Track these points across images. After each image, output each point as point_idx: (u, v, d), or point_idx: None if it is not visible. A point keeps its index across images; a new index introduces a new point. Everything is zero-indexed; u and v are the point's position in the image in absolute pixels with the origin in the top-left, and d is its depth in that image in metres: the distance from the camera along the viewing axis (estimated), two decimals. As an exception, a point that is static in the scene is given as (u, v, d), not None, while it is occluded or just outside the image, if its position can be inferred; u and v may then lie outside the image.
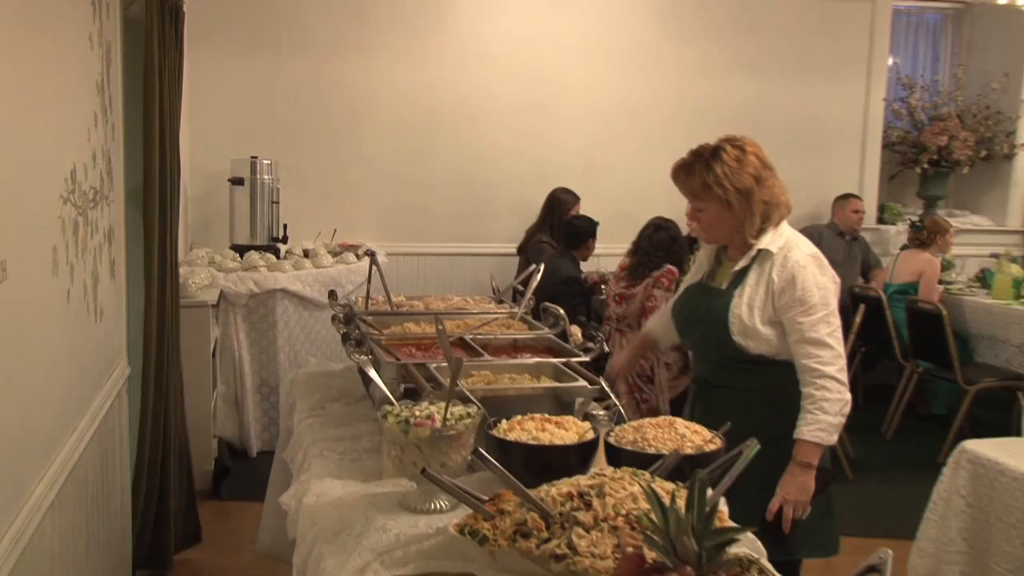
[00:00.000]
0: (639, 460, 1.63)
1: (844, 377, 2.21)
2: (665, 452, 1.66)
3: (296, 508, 1.80)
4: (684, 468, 1.57)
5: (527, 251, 5.33)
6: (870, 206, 6.29)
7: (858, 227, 5.96)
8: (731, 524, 1.37)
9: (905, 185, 6.78)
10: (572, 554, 1.28)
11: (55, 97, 2.03)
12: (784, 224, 2.33)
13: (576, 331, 2.47)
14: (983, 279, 5.80)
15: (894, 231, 6.54)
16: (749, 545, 1.58)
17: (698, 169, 2.28)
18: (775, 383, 2.28)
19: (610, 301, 4.29)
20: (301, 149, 5.60)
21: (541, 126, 5.93)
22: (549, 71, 5.89)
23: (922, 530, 2.60)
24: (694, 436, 1.76)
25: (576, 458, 1.67)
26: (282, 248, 5.11)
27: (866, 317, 4.84)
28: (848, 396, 2.20)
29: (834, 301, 2.26)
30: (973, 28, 6.92)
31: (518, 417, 1.78)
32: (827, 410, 2.16)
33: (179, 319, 3.63)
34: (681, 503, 1.13)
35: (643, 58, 6.03)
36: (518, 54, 5.85)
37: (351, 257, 5.11)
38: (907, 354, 5.28)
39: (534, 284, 2.65)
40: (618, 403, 2.02)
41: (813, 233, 5.76)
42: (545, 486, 1.45)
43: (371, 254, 3.03)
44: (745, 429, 1.69)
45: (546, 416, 1.79)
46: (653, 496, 1.15)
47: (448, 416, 1.65)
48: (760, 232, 2.28)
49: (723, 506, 1.50)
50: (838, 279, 2.32)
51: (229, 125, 5.46)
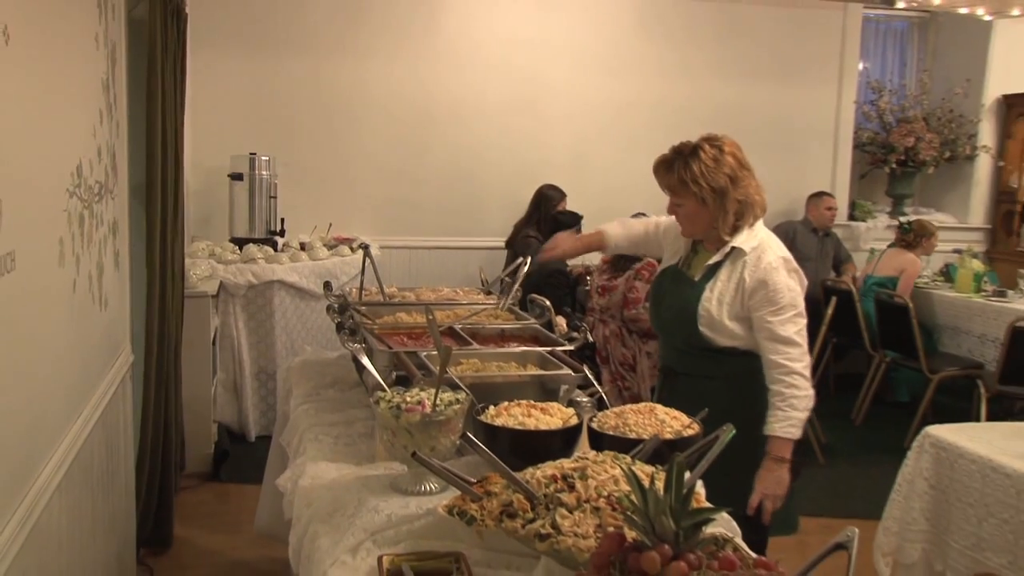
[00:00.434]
0: (620, 444, 1.64)
1: (809, 374, 2.23)
2: (645, 437, 1.67)
3: (292, 490, 1.80)
4: (663, 452, 1.58)
5: (515, 245, 5.31)
6: (842, 204, 6.30)
7: (831, 223, 5.97)
8: (707, 505, 1.38)
9: (875, 184, 6.81)
10: (556, 533, 1.29)
11: (62, 95, 2.01)
12: (759, 224, 2.33)
13: (561, 321, 2.47)
14: (947, 273, 5.83)
15: (864, 227, 6.56)
16: (725, 525, 1.60)
17: (677, 166, 2.27)
18: (738, 372, 2.29)
19: (593, 293, 4.29)
20: (298, 146, 5.56)
21: (529, 125, 5.91)
22: (537, 72, 5.87)
23: (888, 510, 2.62)
24: (673, 422, 1.77)
25: (560, 442, 1.68)
26: (279, 241, 5.08)
27: (837, 309, 4.87)
28: (812, 392, 2.22)
29: (801, 302, 2.27)
30: (937, 36, 6.96)
31: (505, 403, 1.78)
32: (796, 407, 2.18)
33: (183, 309, 3.62)
34: (660, 485, 1.14)
35: (627, 61, 6.02)
36: (508, 56, 5.82)
37: (346, 250, 5.08)
38: (875, 344, 5.31)
39: (521, 276, 2.65)
40: (601, 390, 2.03)
41: (788, 229, 5.80)
42: (530, 469, 1.45)
43: (365, 247, 3.01)
44: (711, 415, 1.70)
45: (532, 402, 1.79)
46: (633, 478, 1.16)
47: (438, 402, 1.65)
48: (734, 230, 2.28)
49: (700, 488, 1.51)
50: (805, 281, 2.32)
51: (229, 122, 5.41)
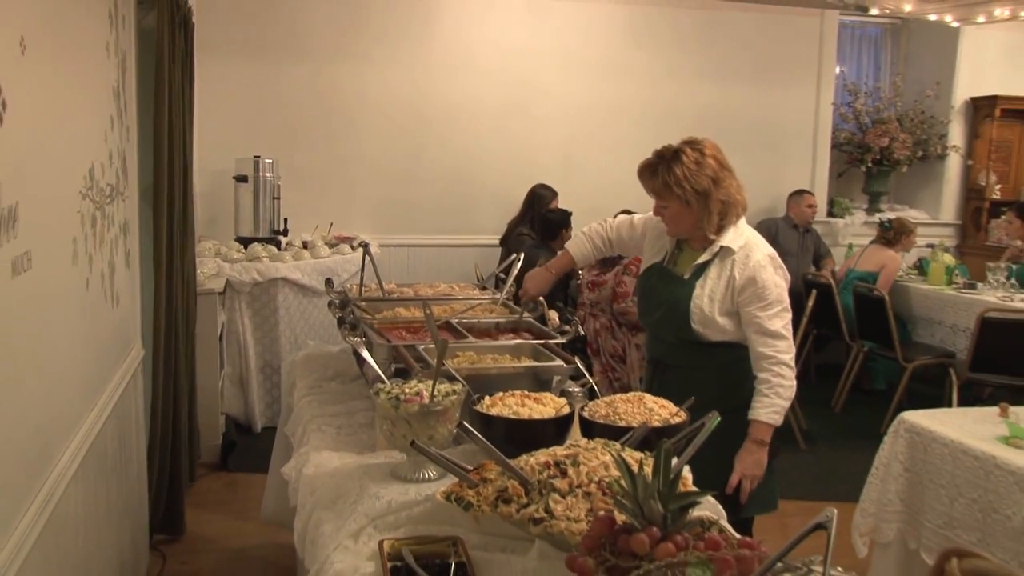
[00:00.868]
0: (611, 432, 1.64)
1: (794, 365, 2.24)
2: (634, 425, 1.67)
3: (297, 478, 1.80)
4: (651, 439, 1.58)
5: (509, 242, 5.31)
6: (821, 201, 6.31)
7: (811, 220, 5.99)
8: (694, 489, 1.38)
9: (852, 182, 6.82)
10: (549, 518, 1.29)
11: (75, 102, 2.01)
12: (743, 223, 2.33)
13: (553, 315, 2.47)
14: (920, 267, 5.85)
15: (842, 224, 6.58)
16: (710, 508, 1.60)
17: (660, 170, 2.26)
18: (725, 363, 2.30)
19: (584, 288, 4.29)
20: (301, 149, 5.54)
21: (522, 127, 5.90)
22: (529, 77, 5.86)
23: (865, 492, 2.62)
24: (661, 410, 1.77)
25: (553, 431, 1.68)
26: (283, 240, 5.07)
27: (817, 302, 4.88)
28: (795, 382, 2.23)
29: (786, 297, 2.29)
30: (909, 41, 6.98)
31: (500, 394, 1.78)
32: (781, 395, 2.20)
33: (194, 306, 3.59)
34: (648, 470, 1.14)
35: (615, 65, 6.01)
36: (501, 61, 5.81)
37: (346, 248, 5.08)
38: (854, 335, 5.32)
39: (515, 272, 2.65)
40: (592, 381, 2.03)
41: (770, 225, 5.81)
42: (524, 456, 1.46)
43: (365, 245, 3.00)
44: (698, 404, 1.70)
45: (526, 392, 1.79)
46: (623, 464, 1.16)
47: (435, 393, 1.65)
48: (720, 229, 2.28)
49: (687, 473, 1.51)
50: (789, 277, 2.33)
51: (234, 127, 5.39)
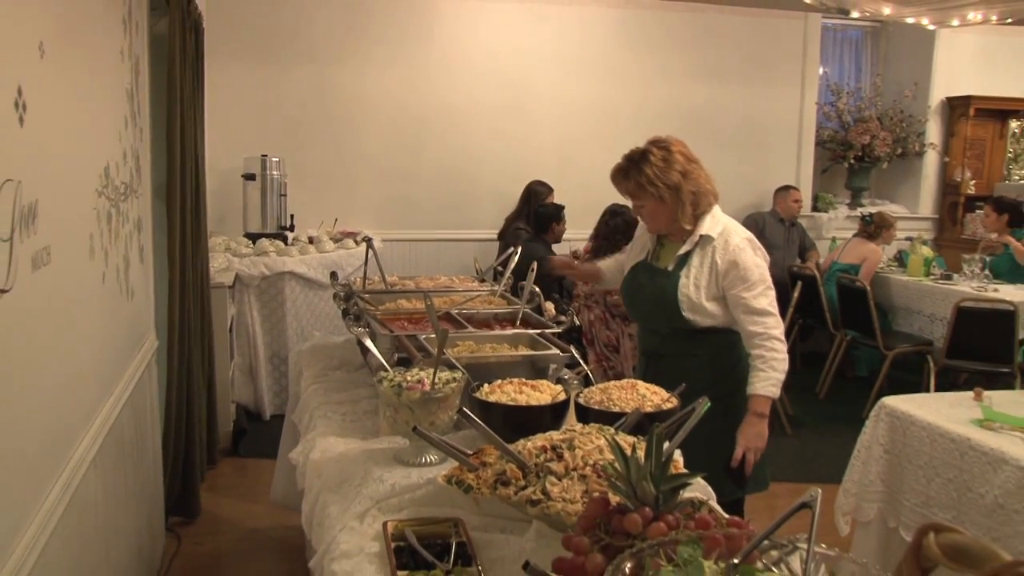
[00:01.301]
0: (605, 417, 1.64)
1: (784, 339, 2.24)
2: (628, 411, 1.66)
3: (304, 462, 1.80)
4: (644, 424, 1.58)
5: (506, 236, 5.30)
6: (805, 196, 6.30)
7: (797, 214, 5.98)
8: (684, 471, 1.38)
9: (835, 177, 6.81)
10: (546, 499, 1.29)
11: (91, 103, 2.01)
12: (718, 211, 2.33)
13: (549, 306, 2.47)
14: (900, 259, 5.85)
15: (826, 218, 6.58)
16: (700, 489, 1.60)
17: (631, 172, 2.27)
18: (717, 349, 2.30)
19: (577, 282, 4.28)
20: (306, 148, 5.52)
21: (518, 126, 5.88)
22: (526, 77, 5.84)
23: (847, 474, 2.63)
24: (653, 396, 1.76)
25: (549, 417, 1.68)
26: (289, 235, 5.06)
27: (803, 293, 4.87)
28: (787, 355, 2.23)
29: (768, 276, 2.28)
30: (888, 43, 6.98)
31: (498, 381, 1.78)
32: (776, 368, 2.19)
33: (208, 299, 3.58)
34: (641, 454, 1.14)
35: (609, 66, 5.99)
36: (497, 63, 5.79)
37: (350, 243, 5.07)
38: (837, 325, 5.32)
39: (512, 265, 2.64)
40: (587, 368, 2.03)
41: (758, 219, 5.80)
42: (522, 441, 1.45)
43: (368, 240, 3.01)
44: (692, 390, 1.70)
45: (523, 380, 1.79)
46: (617, 448, 1.15)
47: (436, 381, 1.65)
48: (695, 219, 2.28)
49: (678, 456, 1.51)
50: (768, 257, 2.33)
51: (242, 127, 5.37)
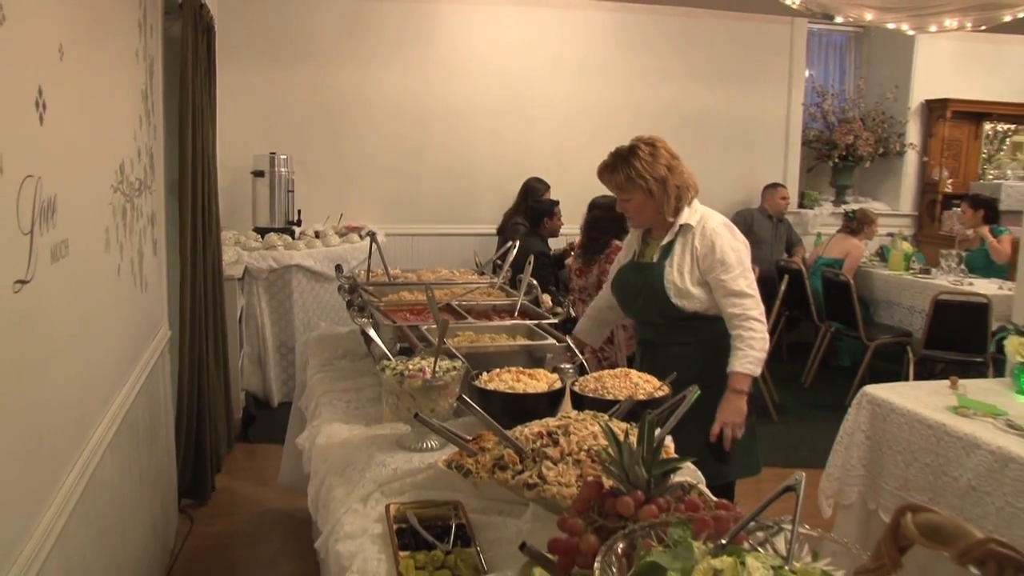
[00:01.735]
0: (599, 405, 1.64)
1: (764, 319, 2.23)
2: (621, 398, 1.67)
3: (310, 448, 1.80)
4: (637, 411, 1.57)
5: (504, 231, 5.29)
6: (792, 193, 6.30)
7: (784, 211, 5.97)
8: (675, 456, 1.38)
9: (820, 176, 6.81)
10: (542, 483, 1.29)
11: (107, 103, 2.00)
12: (697, 202, 2.34)
13: (546, 298, 2.47)
14: (882, 254, 5.86)
15: (812, 214, 6.58)
16: (691, 474, 1.60)
17: (619, 167, 2.28)
18: (708, 336, 2.30)
19: (572, 275, 4.29)
20: (313, 146, 5.51)
21: (516, 125, 5.86)
22: (523, 78, 5.82)
23: (831, 459, 2.63)
24: (645, 384, 1.77)
25: (546, 404, 1.68)
26: (296, 230, 5.05)
27: (789, 286, 4.88)
28: (767, 335, 2.23)
29: (747, 259, 2.28)
30: (871, 48, 6.98)
31: (497, 370, 1.78)
32: (754, 347, 2.19)
33: (221, 291, 3.56)
34: (633, 439, 1.14)
35: (604, 68, 5.97)
36: (496, 65, 5.77)
37: (355, 237, 5.06)
38: (822, 316, 5.33)
39: (510, 259, 2.64)
40: (582, 358, 2.02)
41: (746, 216, 5.80)
42: (519, 427, 1.45)
43: (372, 234, 3.00)
44: (685, 378, 1.70)
45: (520, 369, 1.79)
46: (610, 434, 1.15)
47: (437, 369, 1.65)
48: (677, 211, 2.29)
49: (669, 441, 1.51)
50: (747, 241, 2.32)
51: (252, 126, 5.35)
